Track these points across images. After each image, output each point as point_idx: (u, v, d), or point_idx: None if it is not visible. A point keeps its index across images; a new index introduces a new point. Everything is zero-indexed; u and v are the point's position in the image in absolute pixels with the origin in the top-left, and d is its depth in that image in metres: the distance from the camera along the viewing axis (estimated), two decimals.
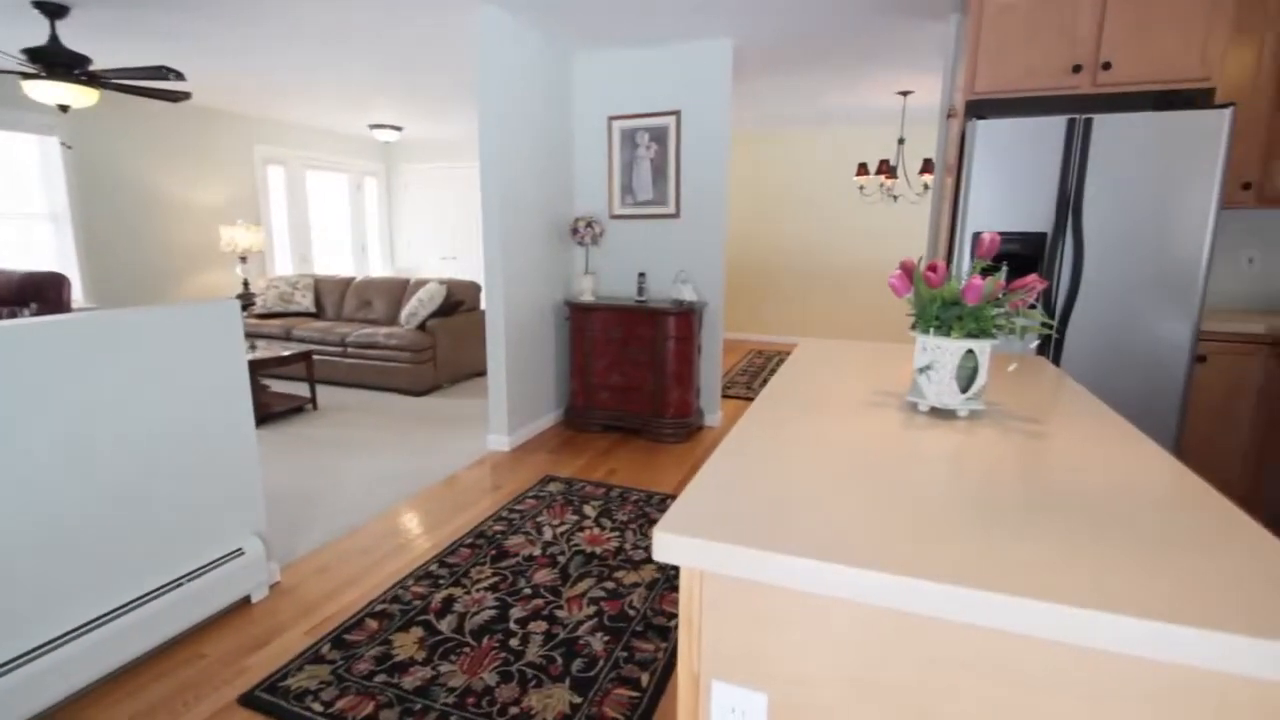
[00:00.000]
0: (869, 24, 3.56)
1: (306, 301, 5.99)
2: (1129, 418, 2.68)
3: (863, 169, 5.36)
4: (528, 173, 3.78)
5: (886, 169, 5.29)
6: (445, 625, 2.10)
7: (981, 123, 2.68)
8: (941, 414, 1.23)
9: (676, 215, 4.06)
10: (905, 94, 5.14)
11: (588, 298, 4.08)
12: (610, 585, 2.34)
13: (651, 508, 3.02)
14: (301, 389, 5.11)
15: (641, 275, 4.01)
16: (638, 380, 3.96)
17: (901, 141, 5.28)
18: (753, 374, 5.88)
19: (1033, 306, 1.12)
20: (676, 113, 3.95)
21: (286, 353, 4.38)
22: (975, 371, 1.17)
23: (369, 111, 6.08)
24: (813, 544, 0.74)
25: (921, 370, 1.22)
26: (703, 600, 0.79)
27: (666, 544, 0.78)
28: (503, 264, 3.61)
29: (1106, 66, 2.68)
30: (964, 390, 1.18)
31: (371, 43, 3.93)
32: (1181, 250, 2.53)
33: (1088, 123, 2.56)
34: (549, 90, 3.92)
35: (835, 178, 6.90)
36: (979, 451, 1.04)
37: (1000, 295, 1.15)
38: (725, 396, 4.99)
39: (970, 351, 1.15)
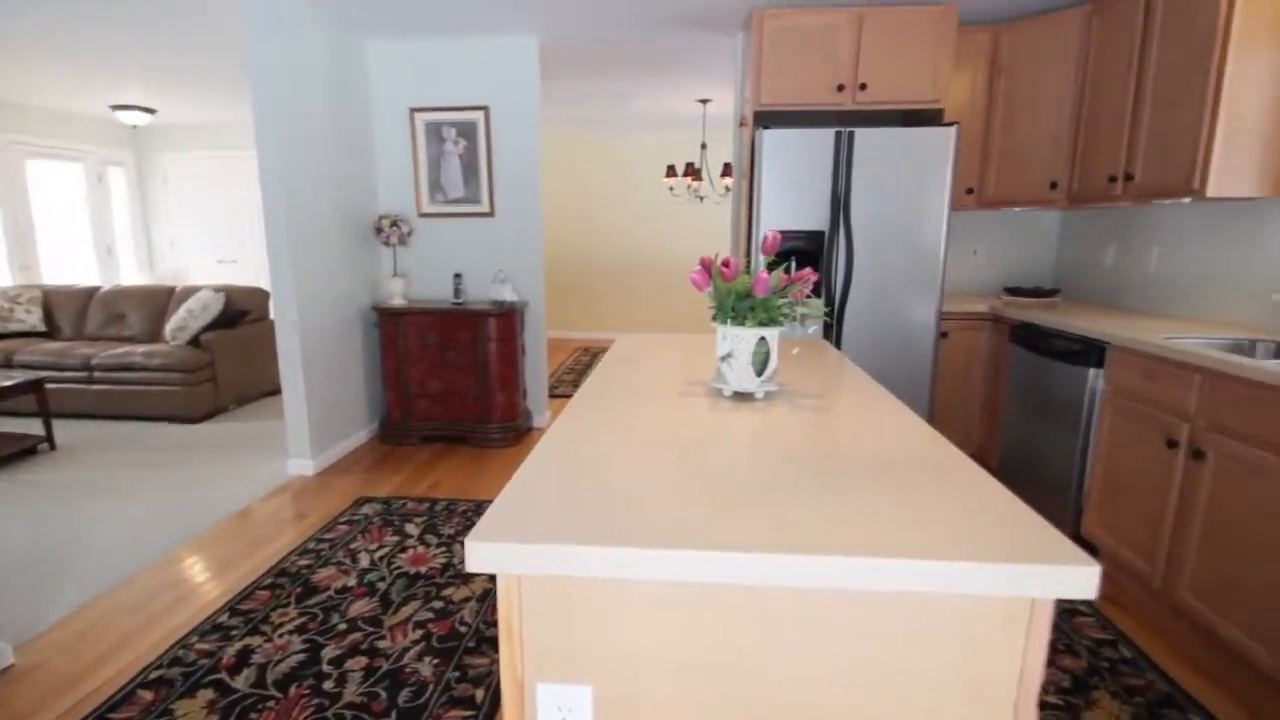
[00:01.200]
0: (665, 35, 3.74)
1: (33, 319, 4.90)
2: (896, 386, 3.14)
3: (671, 171, 5.65)
4: (318, 165, 3.43)
5: (692, 171, 5.62)
6: (242, 681, 1.84)
7: (768, 132, 2.96)
8: (742, 397, 1.33)
9: (491, 214, 3.96)
10: (705, 102, 5.50)
11: (399, 301, 3.82)
12: (439, 605, 2.22)
13: (480, 517, 2.91)
14: (33, 426, 4.17)
15: (458, 276, 3.85)
16: (460, 386, 3.80)
17: (704, 146, 5.64)
18: (579, 371, 5.94)
19: (811, 296, 1.25)
20: (485, 108, 3.84)
21: (7, 383, 3.54)
22: (768, 357, 1.28)
23: (111, 89, 5.12)
24: (627, 531, 0.75)
25: (723, 358, 1.31)
26: (521, 604, 0.77)
27: (480, 553, 0.75)
28: (293, 267, 3.25)
29: (863, 87, 3.09)
30: (759, 374, 1.28)
31: (108, 7, 3.29)
32: (926, 244, 3.01)
33: (850, 135, 2.94)
34: (339, 76, 3.59)
35: (648, 178, 7.21)
36: (774, 428, 1.14)
37: (784, 287, 1.27)
38: (553, 396, 4.98)
39: (763, 339, 1.26)
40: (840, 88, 3.10)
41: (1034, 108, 3.19)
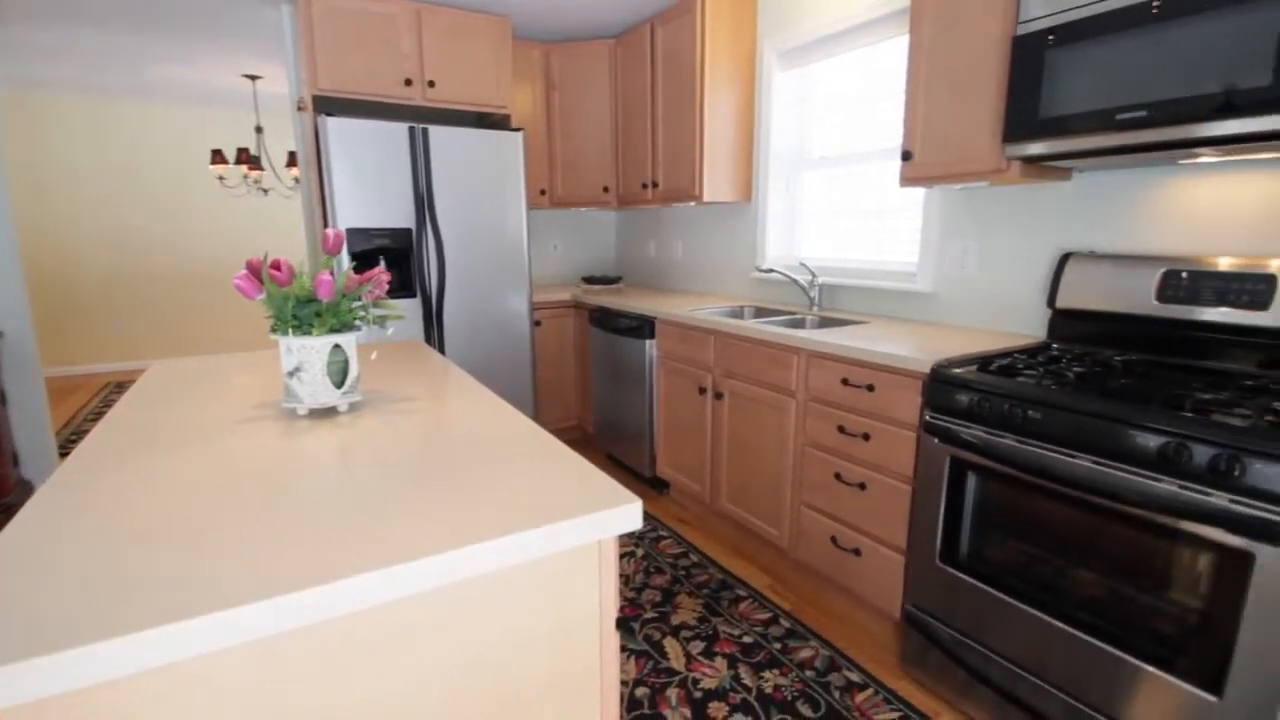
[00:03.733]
0: None
1: None
2: (501, 375, 3.29)
3: (219, 157, 4.74)
4: None
5: (248, 159, 4.82)
6: None
7: (332, 120, 2.71)
8: (322, 413, 1.19)
9: None
10: (254, 78, 4.75)
11: None
12: None
13: None
14: None
15: None
16: None
17: (260, 130, 4.88)
18: None
19: (385, 296, 1.18)
20: None
21: None
22: (347, 365, 1.17)
23: None
24: (167, 605, 0.59)
25: (291, 374, 1.15)
26: None
27: None
28: None
29: (432, 84, 3.09)
30: (340, 385, 1.17)
31: None
32: (511, 241, 3.21)
33: (425, 131, 2.91)
34: None
35: (192, 166, 5.89)
36: (362, 441, 1.06)
37: (356, 288, 1.18)
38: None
39: (337, 346, 1.15)
40: (408, 82, 3.04)
41: (584, 121, 3.68)
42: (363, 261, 2.83)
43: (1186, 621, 1.24)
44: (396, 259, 2.93)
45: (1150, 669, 1.30)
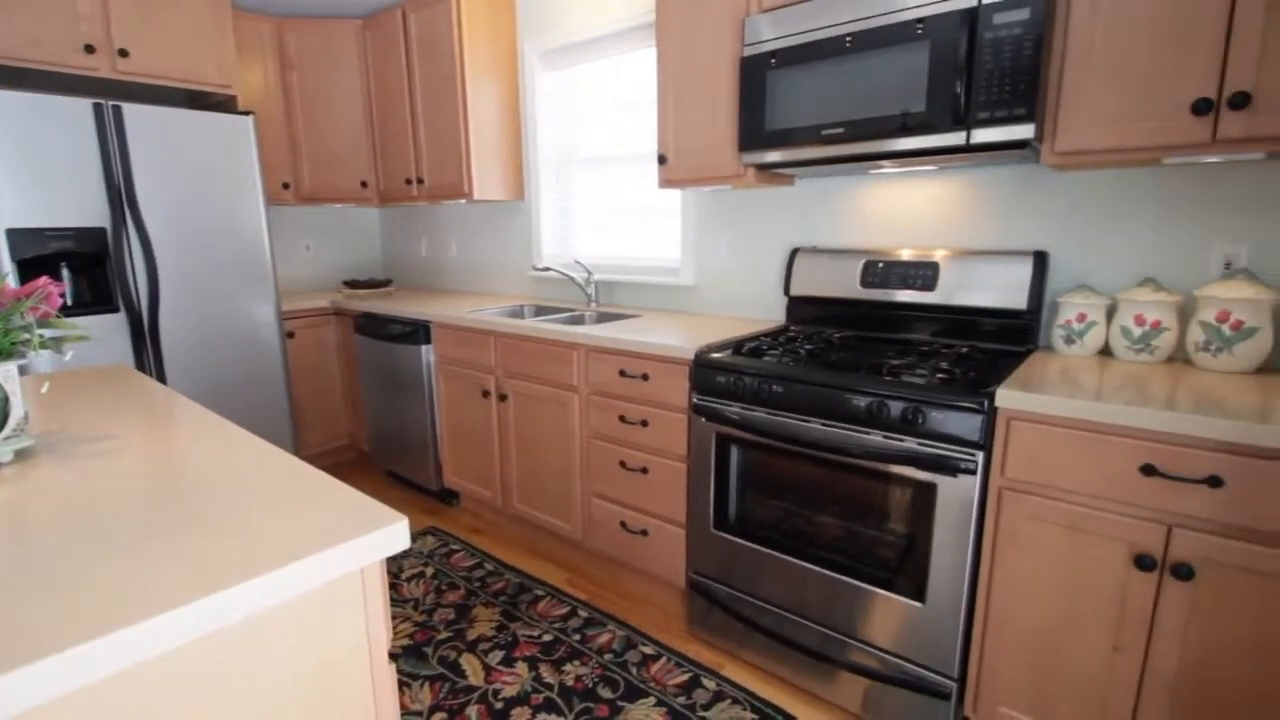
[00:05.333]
0: None
1: None
2: (247, 396, 2.85)
3: None
4: None
5: None
6: None
7: None
8: None
9: None
10: None
11: None
12: None
13: None
14: None
15: None
16: None
17: None
18: None
19: (58, 314, 0.95)
20: None
21: None
22: (6, 402, 0.92)
23: None
24: None
25: None
26: None
27: None
28: None
29: (124, 54, 2.55)
30: None
31: None
32: (247, 241, 2.79)
33: (118, 110, 2.40)
34: None
35: None
36: (38, 496, 0.83)
37: (12, 305, 0.92)
38: None
39: None
40: (90, 49, 2.47)
41: (333, 108, 3.33)
42: (36, 270, 2.24)
43: (898, 547, 1.52)
44: (88, 265, 2.38)
45: (877, 590, 1.57)
